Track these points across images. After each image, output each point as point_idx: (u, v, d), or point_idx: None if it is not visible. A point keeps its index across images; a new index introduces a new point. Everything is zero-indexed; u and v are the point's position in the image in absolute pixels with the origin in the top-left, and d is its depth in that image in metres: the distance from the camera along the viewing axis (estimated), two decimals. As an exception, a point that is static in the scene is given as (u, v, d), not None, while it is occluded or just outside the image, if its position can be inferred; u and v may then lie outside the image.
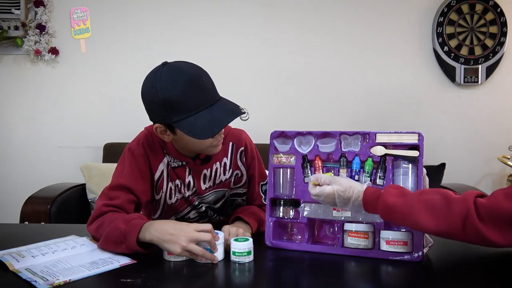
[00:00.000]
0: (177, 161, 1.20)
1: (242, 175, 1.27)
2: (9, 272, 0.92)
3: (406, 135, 1.03)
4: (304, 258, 1.03)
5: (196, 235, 0.96)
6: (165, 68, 1.05)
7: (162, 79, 1.03)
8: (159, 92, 1.02)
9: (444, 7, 2.59)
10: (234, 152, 1.25)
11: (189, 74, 1.03)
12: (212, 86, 1.08)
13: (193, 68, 1.06)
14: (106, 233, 1.03)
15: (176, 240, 0.95)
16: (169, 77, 1.03)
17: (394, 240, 0.99)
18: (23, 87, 2.68)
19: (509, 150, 2.48)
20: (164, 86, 1.02)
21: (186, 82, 1.02)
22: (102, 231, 1.05)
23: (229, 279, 0.93)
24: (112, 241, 1.02)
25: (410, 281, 0.88)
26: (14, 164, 2.70)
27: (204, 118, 1.02)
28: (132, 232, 0.99)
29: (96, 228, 1.07)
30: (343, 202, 0.96)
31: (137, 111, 2.60)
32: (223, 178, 1.24)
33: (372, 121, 2.64)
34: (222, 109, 1.05)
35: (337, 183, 0.97)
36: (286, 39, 2.66)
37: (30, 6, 2.62)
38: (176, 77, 1.02)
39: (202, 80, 1.04)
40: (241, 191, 1.30)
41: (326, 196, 0.97)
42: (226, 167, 1.24)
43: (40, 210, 2.06)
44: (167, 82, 1.02)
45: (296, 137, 1.13)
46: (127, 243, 0.99)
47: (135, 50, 2.65)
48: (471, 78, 2.59)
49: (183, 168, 1.21)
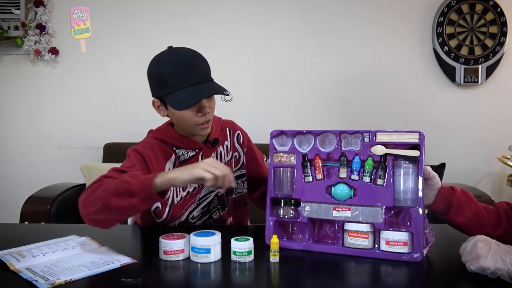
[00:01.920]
0: (189, 150, 1.25)
1: (240, 156, 1.37)
2: (10, 272, 0.92)
3: (406, 134, 1.03)
4: (304, 258, 1.03)
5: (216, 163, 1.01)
6: (167, 50, 1.19)
7: (161, 57, 1.17)
8: (156, 67, 1.16)
9: (444, 7, 2.59)
10: (231, 135, 1.36)
11: (183, 54, 1.16)
12: (203, 68, 1.17)
13: (190, 51, 1.18)
14: (113, 188, 0.99)
15: (196, 165, 0.99)
16: (167, 56, 1.16)
17: (394, 241, 0.99)
18: (23, 87, 2.68)
19: (509, 150, 2.48)
20: (161, 63, 1.15)
21: (178, 60, 1.14)
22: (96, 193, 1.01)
23: (230, 279, 0.93)
24: (120, 196, 0.98)
25: (410, 282, 0.88)
26: (14, 164, 2.70)
27: (186, 92, 1.12)
28: (145, 182, 0.98)
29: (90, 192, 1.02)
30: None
31: (137, 111, 2.64)
32: (226, 160, 1.33)
33: (372, 121, 2.64)
34: (206, 87, 1.15)
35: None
36: (286, 39, 2.66)
37: (30, 6, 2.62)
38: (172, 56, 1.15)
39: (193, 61, 1.15)
40: (240, 172, 1.37)
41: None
42: (228, 149, 1.34)
43: (40, 210, 2.06)
44: (164, 60, 1.15)
45: (296, 136, 1.13)
46: (140, 195, 0.97)
47: (135, 50, 2.65)
48: (471, 78, 2.59)
49: (196, 156, 1.26)
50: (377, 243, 1.01)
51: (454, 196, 1.06)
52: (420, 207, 0.99)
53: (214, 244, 0.98)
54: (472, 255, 0.87)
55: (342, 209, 1.05)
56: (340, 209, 1.05)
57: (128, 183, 0.98)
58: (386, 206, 1.02)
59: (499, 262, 0.83)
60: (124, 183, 0.99)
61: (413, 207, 1.00)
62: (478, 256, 0.85)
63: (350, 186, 1.06)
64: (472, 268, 0.85)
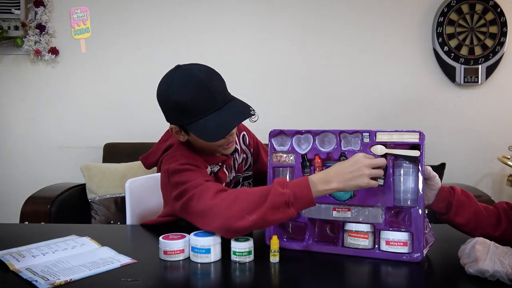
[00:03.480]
0: (214, 166, 1.22)
1: (248, 157, 1.36)
2: (10, 272, 0.92)
3: (406, 134, 1.02)
4: (304, 258, 1.03)
5: (374, 160, 0.96)
6: (177, 72, 1.09)
7: (174, 83, 1.07)
8: (171, 95, 1.07)
9: (444, 7, 2.59)
10: (238, 138, 1.33)
11: (199, 78, 1.07)
12: (222, 88, 1.12)
13: (204, 71, 1.09)
14: (269, 202, 0.94)
15: (360, 172, 0.93)
16: (180, 81, 1.07)
17: (394, 241, 0.99)
18: (23, 87, 2.68)
19: (509, 150, 2.48)
20: (175, 90, 1.06)
21: (195, 86, 1.06)
22: (240, 205, 0.96)
23: (230, 279, 0.93)
24: (277, 209, 0.94)
25: (410, 282, 0.88)
26: (14, 164, 2.71)
27: (214, 121, 1.06)
28: (302, 192, 0.94)
29: (229, 203, 0.97)
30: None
31: (137, 111, 2.64)
32: (237, 164, 1.32)
33: (372, 121, 2.64)
34: (231, 111, 1.09)
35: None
36: (287, 40, 2.66)
37: (30, 6, 2.62)
38: (186, 81, 1.07)
39: (212, 83, 1.08)
40: (247, 174, 1.38)
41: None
42: (239, 152, 1.32)
43: (40, 210, 2.06)
44: (178, 86, 1.07)
45: (295, 136, 1.13)
46: (297, 205, 0.94)
47: (135, 50, 2.65)
48: (471, 78, 2.59)
49: (221, 168, 1.24)
50: (377, 243, 1.01)
51: (454, 196, 1.06)
52: (420, 207, 0.99)
53: (214, 244, 0.98)
54: (471, 258, 0.86)
55: (342, 209, 1.05)
56: (340, 209, 1.05)
57: (284, 195, 0.94)
58: (386, 206, 1.02)
59: (498, 264, 0.83)
60: (279, 196, 0.94)
61: (413, 207, 1.00)
62: (477, 258, 0.85)
63: (350, 186, 1.06)
64: (471, 271, 0.85)
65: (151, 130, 1.29)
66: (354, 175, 0.94)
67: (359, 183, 0.93)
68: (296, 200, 0.94)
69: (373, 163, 0.95)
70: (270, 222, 0.96)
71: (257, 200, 0.95)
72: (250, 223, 0.94)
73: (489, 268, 0.83)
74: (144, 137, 2.54)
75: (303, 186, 0.95)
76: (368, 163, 0.94)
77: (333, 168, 0.97)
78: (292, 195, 0.94)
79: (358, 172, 0.93)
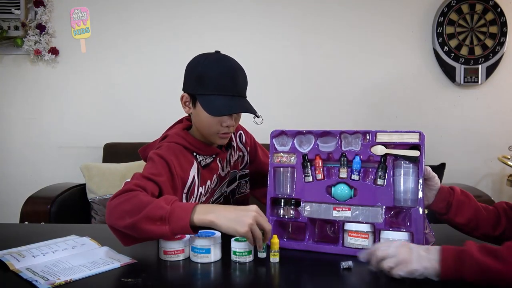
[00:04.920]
0: (207, 157, 1.23)
1: (244, 155, 1.38)
2: (10, 272, 0.92)
3: (406, 134, 1.03)
4: (304, 258, 1.03)
5: (263, 218, 0.95)
6: (215, 54, 1.19)
7: (208, 59, 1.16)
8: (200, 67, 1.15)
9: (444, 7, 2.59)
10: (235, 136, 1.36)
11: (231, 63, 1.17)
12: (243, 84, 1.19)
13: (237, 63, 1.19)
14: (146, 211, 0.93)
15: (243, 218, 0.91)
16: (215, 59, 1.16)
17: (394, 241, 0.99)
18: (23, 87, 2.68)
19: (509, 150, 2.48)
20: (206, 64, 1.14)
21: (225, 67, 1.15)
22: (126, 206, 0.97)
23: (230, 279, 0.93)
24: (151, 220, 0.93)
25: (410, 281, 0.88)
26: (14, 164, 2.71)
27: (223, 101, 1.13)
28: (181, 213, 0.92)
29: (121, 202, 0.98)
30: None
31: (137, 111, 2.64)
32: (233, 160, 1.33)
33: (372, 121, 2.64)
34: (241, 103, 1.16)
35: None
36: (287, 39, 2.66)
37: (30, 6, 2.62)
38: (220, 61, 1.16)
39: (238, 73, 1.16)
40: (244, 172, 1.39)
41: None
42: (234, 150, 1.34)
43: (40, 210, 2.06)
44: (210, 62, 1.15)
45: (296, 136, 1.13)
46: (172, 224, 0.92)
47: (135, 50, 2.65)
48: (471, 78, 2.59)
49: (215, 161, 1.25)
50: (377, 243, 1.01)
51: (454, 196, 1.06)
52: (420, 207, 0.99)
53: (214, 244, 0.98)
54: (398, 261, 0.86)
55: (342, 209, 1.05)
56: (340, 209, 1.05)
57: (163, 209, 0.93)
58: (386, 206, 1.02)
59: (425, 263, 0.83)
60: (158, 209, 0.93)
61: (413, 207, 1.00)
62: (405, 260, 0.85)
63: (350, 186, 1.06)
64: (401, 274, 0.85)
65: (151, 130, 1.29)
66: (237, 216, 0.92)
67: (237, 227, 0.91)
68: (171, 219, 0.92)
69: (260, 220, 0.93)
70: (143, 231, 0.93)
71: (139, 206, 0.94)
72: (125, 224, 0.94)
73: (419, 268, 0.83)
74: (144, 137, 2.53)
75: (184, 209, 0.93)
76: (255, 216, 0.92)
77: (225, 206, 0.97)
78: (169, 213, 0.92)
79: (241, 218, 0.92)
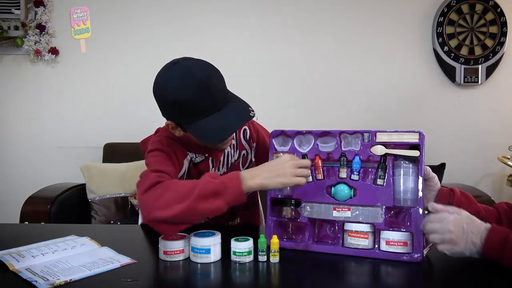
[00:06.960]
0: (199, 155, 1.21)
1: (248, 154, 1.32)
2: (9, 272, 0.92)
3: (406, 134, 1.03)
4: (304, 258, 1.03)
5: (298, 161, 1.01)
6: (175, 68, 1.03)
7: (172, 81, 1.02)
8: (169, 94, 1.02)
9: (444, 7, 2.59)
10: (238, 132, 1.29)
11: (199, 78, 1.01)
12: (222, 87, 1.08)
13: (203, 69, 1.04)
14: (198, 190, 0.94)
15: (283, 171, 0.98)
16: (179, 80, 1.01)
17: (394, 241, 0.99)
18: (23, 87, 2.68)
19: (509, 150, 2.48)
20: (174, 89, 1.01)
21: (196, 87, 1.01)
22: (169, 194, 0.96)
23: (230, 279, 0.93)
24: (204, 198, 0.94)
25: (410, 282, 0.88)
26: (14, 164, 2.70)
27: (215, 123, 1.03)
28: (232, 183, 0.96)
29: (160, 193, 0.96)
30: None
31: (137, 111, 2.64)
32: (233, 160, 1.28)
33: (372, 121, 2.64)
34: (232, 113, 1.05)
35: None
36: (287, 40, 2.66)
37: (30, 6, 2.62)
38: (185, 80, 1.01)
39: (212, 82, 1.03)
40: None
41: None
42: (234, 148, 1.28)
43: (40, 210, 2.06)
44: (177, 85, 1.01)
45: (296, 137, 1.13)
46: (226, 196, 0.95)
47: (135, 50, 2.65)
48: (471, 78, 2.59)
49: (206, 160, 1.22)
50: (377, 243, 1.01)
51: (454, 197, 1.06)
52: (420, 207, 0.99)
53: (214, 244, 0.98)
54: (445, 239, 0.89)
55: (342, 209, 1.05)
56: (340, 209, 1.05)
57: (213, 183, 0.95)
58: (386, 206, 1.02)
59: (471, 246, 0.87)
60: (209, 185, 0.95)
61: (413, 207, 1.00)
62: (452, 241, 0.88)
63: (350, 186, 1.06)
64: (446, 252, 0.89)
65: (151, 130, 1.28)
66: (278, 173, 0.98)
67: (282, 180, 0.98)
68: (225, 190, 0.95)
69: (297, 163, 1.00)
70: (199, 212, 0.95)
71: (186, 190, 0.95)
72: (175, 212, 0.93)
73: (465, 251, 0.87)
74: (144, 137, 2.53)
75: (233, 178, 0.97)
76: (292, 163, 0.99)
77: (260, 166, 1.02)
78: (221, 185, 0.95)
79: (281, 170, 0.98)
